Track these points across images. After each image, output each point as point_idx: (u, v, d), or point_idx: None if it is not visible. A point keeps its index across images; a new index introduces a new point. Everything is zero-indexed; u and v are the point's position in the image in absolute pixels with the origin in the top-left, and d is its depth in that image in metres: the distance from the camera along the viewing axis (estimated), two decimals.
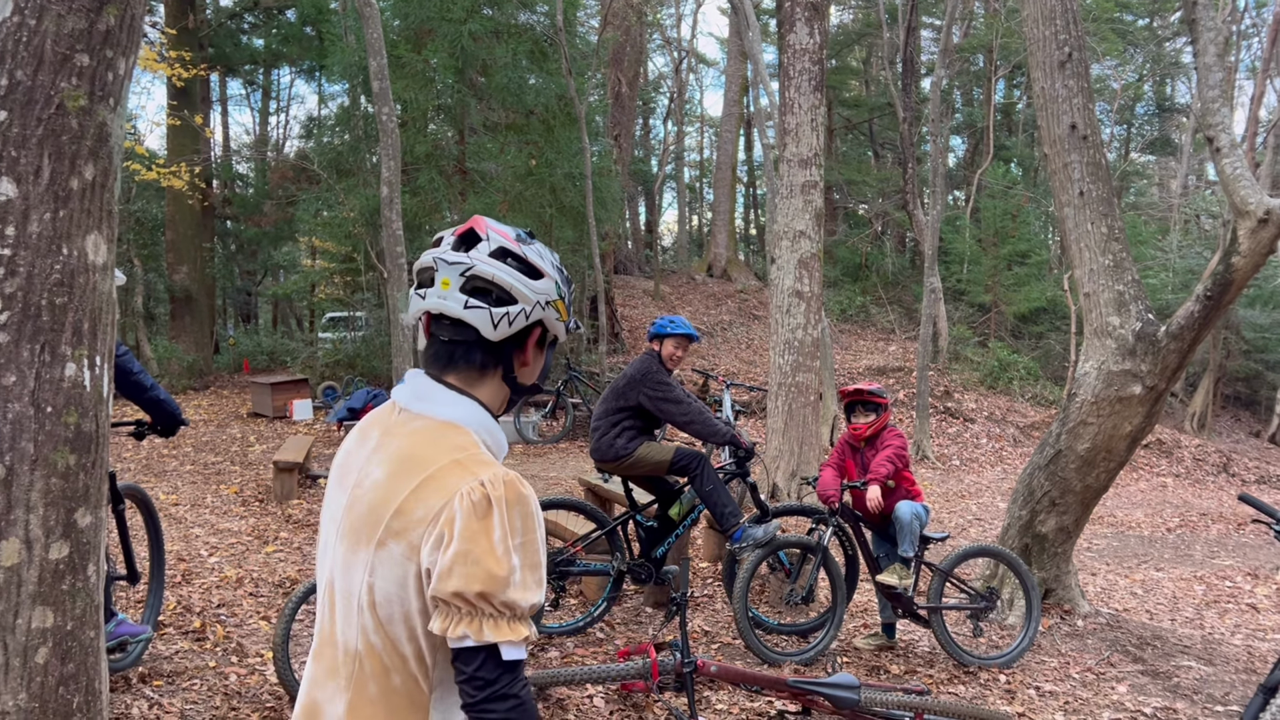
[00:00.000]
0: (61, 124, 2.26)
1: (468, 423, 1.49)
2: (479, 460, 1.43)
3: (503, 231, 1.55)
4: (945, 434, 16.55)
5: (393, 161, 9.15)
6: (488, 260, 1.51)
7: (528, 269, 1.53)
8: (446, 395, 1.51)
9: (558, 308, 1.57)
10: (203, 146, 18.31)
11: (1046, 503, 6.35)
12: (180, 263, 17.96)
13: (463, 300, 1.49)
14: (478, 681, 1.35)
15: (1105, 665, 5.71)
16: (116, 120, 2.39)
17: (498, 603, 1.35)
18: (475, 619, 1.34)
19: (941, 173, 17.50)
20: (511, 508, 1.39)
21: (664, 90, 34.69)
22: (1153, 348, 5.85)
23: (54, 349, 2.25)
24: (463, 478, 1.39)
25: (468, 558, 1.34)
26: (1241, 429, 22.25)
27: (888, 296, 24.19)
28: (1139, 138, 30.35)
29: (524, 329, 1.54)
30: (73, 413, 2.28)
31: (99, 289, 2.35)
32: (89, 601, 2.34)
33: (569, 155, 14.50)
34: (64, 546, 2.26)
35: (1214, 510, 13.25)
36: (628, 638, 5.53)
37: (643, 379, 5.35)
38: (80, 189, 2.30)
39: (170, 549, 6.88)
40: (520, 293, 1.51)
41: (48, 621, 2.24)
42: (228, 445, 11.75)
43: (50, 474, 2.23)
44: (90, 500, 2.33)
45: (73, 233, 2.29)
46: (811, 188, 9.04)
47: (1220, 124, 5.32)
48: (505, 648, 1.36)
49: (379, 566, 1.41)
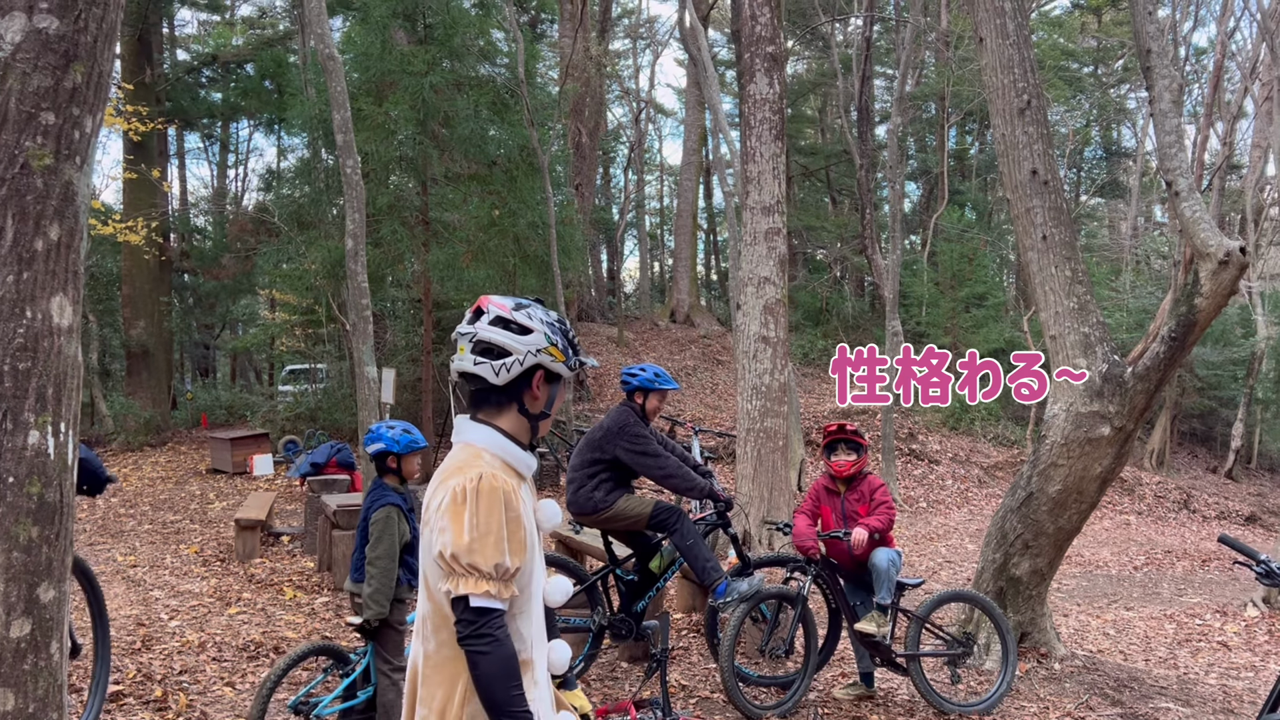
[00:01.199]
0: (26, 183, 2.20)
1: (481, 442, 2.08)
2: (473, 465, 2.00)
3: (502, 305, 2.12)
4: (911, 476, 16.61)
5: (358, 214, 9.09)
6: (487, 328, 2.09)
7: (518, 329, 2.10)
8: (470, 426, 2.11)
9: (550, 353, 2.11)
10: (160, 200, 18.12)
11: (1020, 545, 6.35)
12: (137, 317, 17.68)
13: (472, 359, 2.09)
14: (462, 622, 1.91)
15: (1084, 709, 5.68)
16: (83, 179, 2.33)
17: (464, 564, 1.90)
18: (453, 577, 1.91)
19: (899, 217, 17.75)
20: (481, 496, 1.94)
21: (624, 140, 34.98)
22: (1120, 389, 5.90)
23: (16, 416, 2.16)
24: (456, 478, 1.98)
25: (445, 532, 1.93)
26: (1199, 465, 22.58)
27: (849, 340, 24.36)
28: (1089, 181, 31.06)
29: (524, 372, 2.09)
30: (36, 483, 2.18)
31: (64, 353, 2.27)
32: (52, 681, 2.22)
33: (532, 205, 14.52)
34: (25, 624, 2.15)
35: (1178, 547, 13.37)
36: (604, 694, 5.42)
37: (620, 432, 5.28)
38: (45, 250, 2.22)
39: (129, 613, 6.66)
40: (513, 347, 2.08)
41: (8, 704, 2.12)
42: (186, 503, 11.47)
43: (11, 547, 2.13)
44: (54, 574, 2.22)
45: (37, 295, 2.21)
46: (775, 234, 9.08)
47: (1178, 168, 5.43)
48: (473, 598, 1.90)
49: (425, 548, 2.01)
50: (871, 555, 5.39)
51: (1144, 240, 27.94)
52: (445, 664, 1.98)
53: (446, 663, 1.98)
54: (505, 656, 1.89)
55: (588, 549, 7.00)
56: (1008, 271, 28.66)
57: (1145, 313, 21.08)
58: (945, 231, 23.56)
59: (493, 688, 1.87)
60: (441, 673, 1.98)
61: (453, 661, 1.97)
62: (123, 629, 6.22)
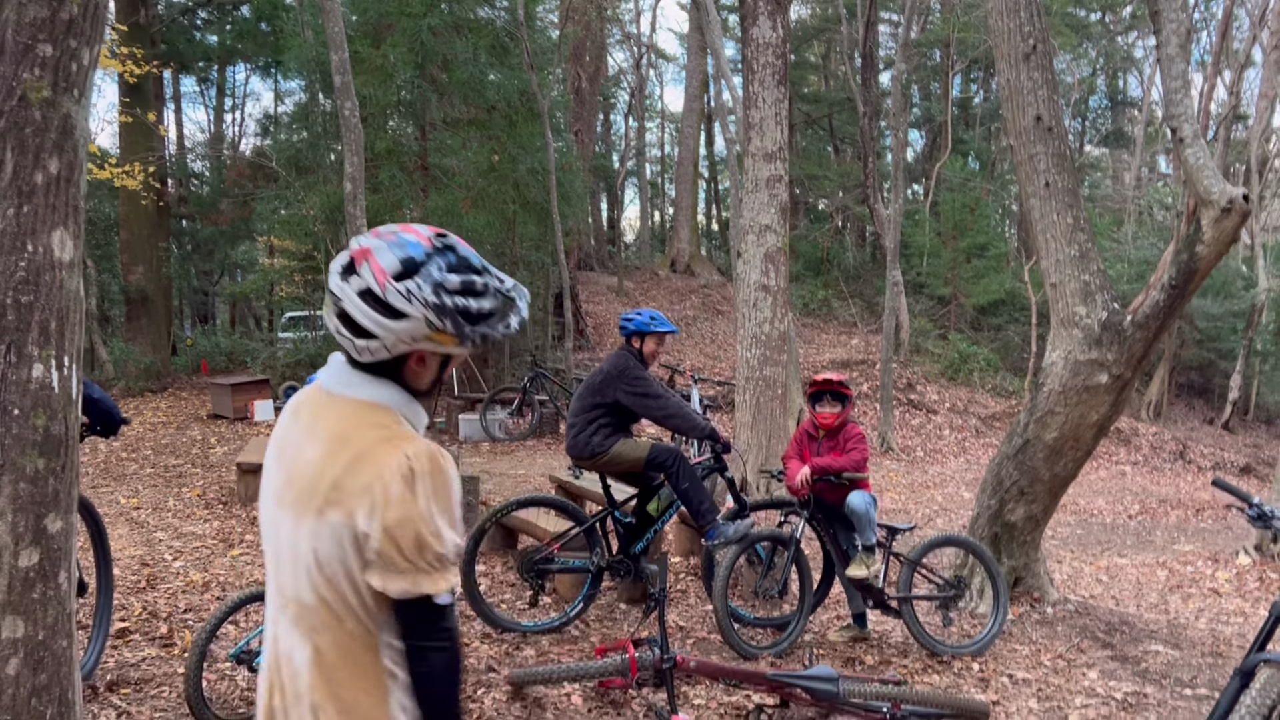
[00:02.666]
0: (24, 116, 2.19)
1: (389, 402, 1.70)
2: (402, 435, 1.65)
3: (380, 268, 1.63)
4: (909, 426, 16.69)
5: (356, 157, 9.03)
6: (353, 299, 1.64)
7: (389, 312, 1.63)
8: (365, 379, 1.70)
9: (435, 340, 1.67)
10: (157, 145, 17.95)
11: (1015, 492, 6.41)
12: (135, 263, 17.61)
13: (335, 325, 1.69)
14: (423, 621, 1.62)
15: (1075, 652, 5.78)
16: (81, 112, 2.31)
17: (430, 559, 1.60)
18: (411, 574, 1.59)
19: (901, 166, 17.64)
20: (433, 476, 1.62)
21: (624, 86, 34.61)
22: (1119, 337, 5.92)
23: (20, 349, 2.17)
24: (390, 454, 1.61)
25: (400, 523, 1.58)
26: (1196, 417, 22.68)
27: (849, 290, 24.35)
28: (1093, 131, 30.80)
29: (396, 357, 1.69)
30: (41, 415, 2.20)
31: (66, 287, 2.27)
32: (60, 610, 2.26)
33: (532, 150, 14.41)
34: (34, 553, 2.19)
35: (1172, 496, 13.49)
36: (603, 635, 5.50)
37: (620, 375, 5.32)
38: (45, 183, 2.22)
39: (133, 554, 6.73)
40: (378, 333, 1.65)
41: (18, 631, 2.16)
42: (188, 448, 11.54)
43: (19, 478, 2.15)
44: (60, 505, 2.25)
45: (38, 228, 2.21)
46: (776, 182, 9.04)
47: (1183, 114, 5.39)
48: (437, 597, 1.61)
49: (320, 532, 1.62)
50: (847, 499, 5.44)
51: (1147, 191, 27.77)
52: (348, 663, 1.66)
53: (349, 661, 1.66)
54: (460, 650, 1.67)
55: (586, 494, 7.06)
56: (1010, 222, 28.54)
57: (1146, 264, 21.04)
58: (948, 181, 23.42)
59: (446, 688, 1.65)
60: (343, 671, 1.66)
61: (360, 656, 1.66)
62: (127, 569, 6.30)
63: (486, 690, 4.49)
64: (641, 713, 4.39)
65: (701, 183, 32.29)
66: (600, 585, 5.62)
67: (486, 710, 4.28)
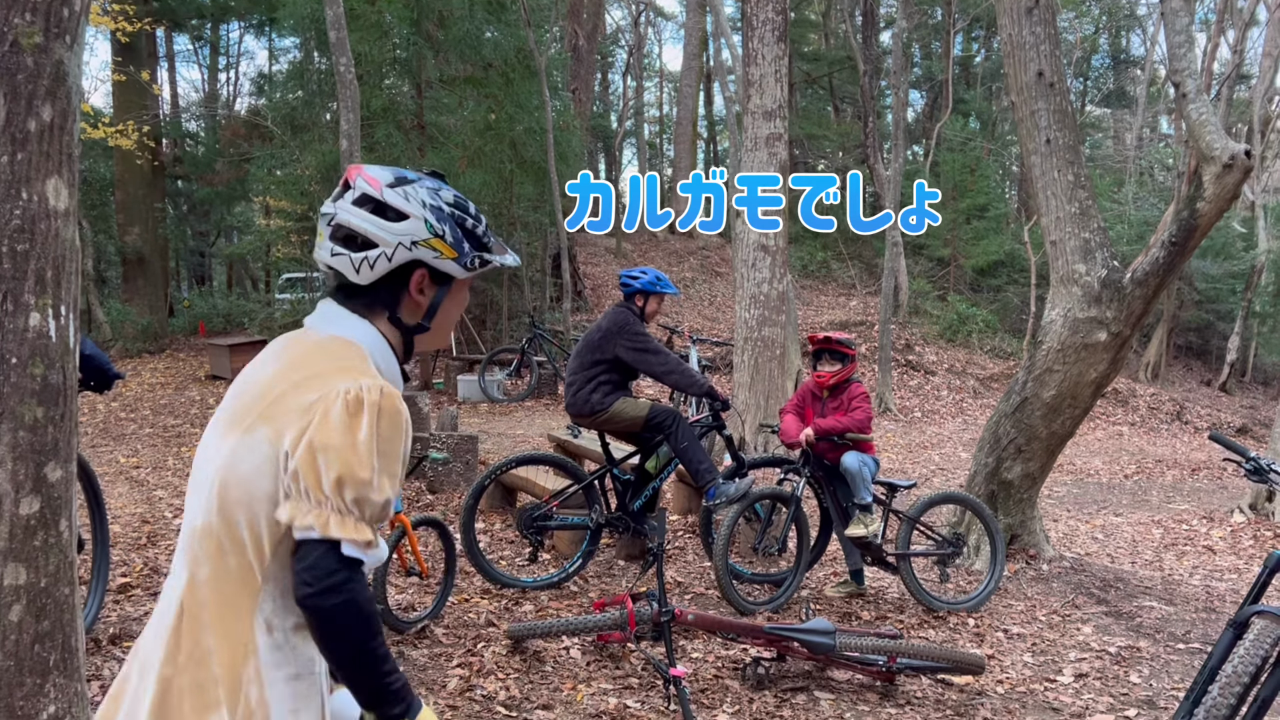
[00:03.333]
0: (16, 62, 2.16)
1: (363, 341, 1.57)
2: (364, 371, 1.50)
3: (373, 178, 1.60)
4: (907, 386, 16.72)
5: (352, 114, 8.95)
6: (349, 208, 1.58)
7: (388, 212, 1.58)
8: (349, 317, 1.59)
9: (433, 245, 1.59)
10: (151, 103, 17.79)
11: (1012, 450, 6.43)
12: (131, 224, 17.52)
13: (329, 249, 1.59)
14: (316, 571, 1.39)
15: (1070, 607, 5.83)
16: (74, 59, 2.29)
17: (349, 499, 1.40)
18: (323, 511, 1.39)
19: (902, 126, 17.51)
20: (384, 415, 1.44)
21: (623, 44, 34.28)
22: (1118, 294, 5.91)
23: (16, 298, 2.16)
24: (343, 379, 1.45)
25: (329, 449, 1.40)
26: (1193, 378, 22.72)
27: (848, 252, 24.26)
28: (1095, 90, 30.56)
29: (396, 270, 1.59)
30: (39, 364, 2.19)
31: (61, 236, 2.26)
32: (62, 558, 2.27)
33: (529, 109, 14.29)
34: (34, 501, 2.19)
35: (1169, 457, 13.55)
36: (601, 590, 5.54)
37: (620, 331, 5.31)
38: (38, 130, 2.20)
39: (134, 511, 6.76)
40: (378, 236, 1.56)
41: (20, 579, 2.17)
42: (187, 408, 11.56)
43: (18, 427, 2.15)
44: (60, 454, 2.25)
45: (32, 176, 2.19)
46: (776, 140, 8.98)
47: (1187, 69, 5.34)
48: (346, 545, 1.40)
49: (239, 450, 1.46)
50: (842, 459, 5.48)
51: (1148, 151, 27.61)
52: (217, 602, 1.46)
53: (219, 601, 1.46)
54: (369, 600, 1.43)
55: (585, 452, 7.08)
56: (1010, 183, 28.40)
57: (1147, 225, 20.96)
58: (948, 141, 23.26)
59: (359, 646, 1.41)
60: (209, 612, 1.46)
61: (231, 600, 1.46)
62: (128, 526, 6.33)
63: (486, 645, 4.53)
64: (640, 666, 4.44)
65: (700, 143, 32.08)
66: (599, 542, 5.66)
67: (486, 664, 4.32)
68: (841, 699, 4.27)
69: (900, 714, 4.15)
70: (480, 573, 5.36)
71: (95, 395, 12.07)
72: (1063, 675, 4.70)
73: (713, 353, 15.52)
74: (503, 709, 3.88)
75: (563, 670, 4.35)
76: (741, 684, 4.32)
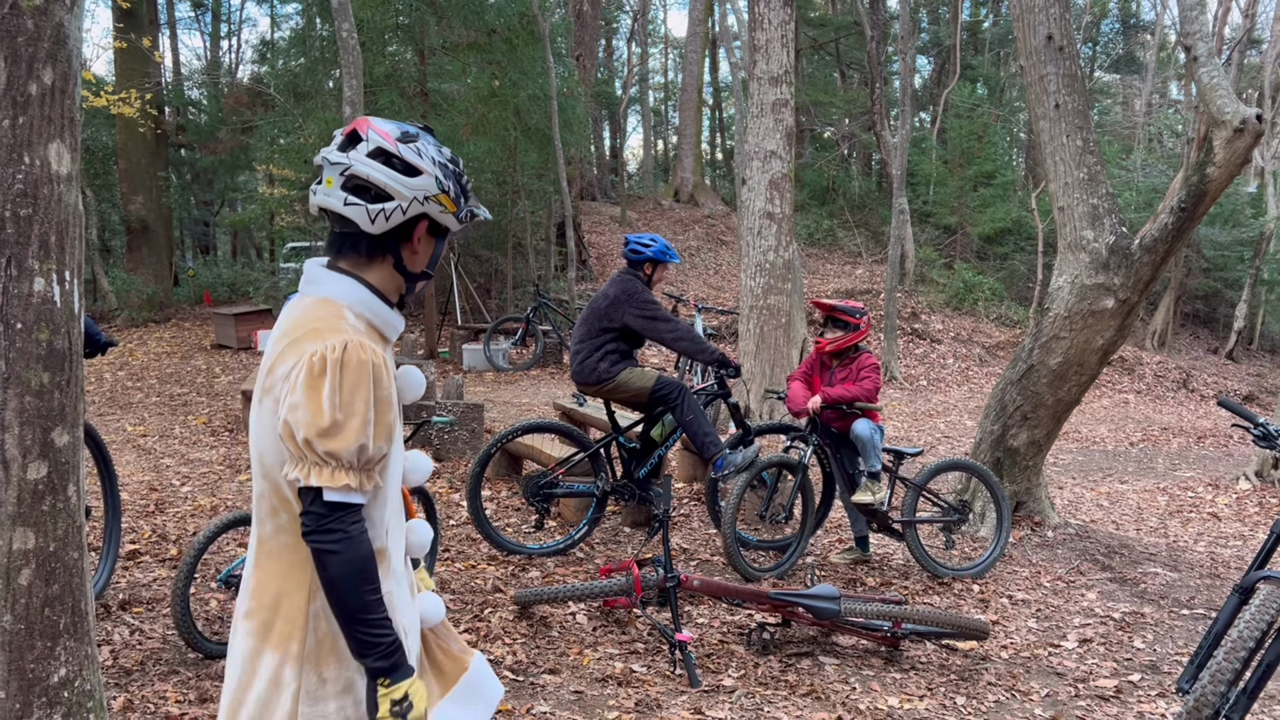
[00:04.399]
0: (16, 24, 2.14)
1: (341, 298, 1.70)
2: (334, 329, 1.63)
3: (384, 131, 1.71)
4: (912, 355, 16.70)
5: (355, 81, 8.89)
6: (365, 160, 1.68)
7: (404, 167, 1.70)
8: (329, 276, 1.72)
9: (440, 201, 1.73)
10: (153, 72, 17.67)
11: (1018, 417, 6.43)
12: (134, 193, 17.47)
13: (343, 197, 1.68)
14: (310, 515, 1.59)
15: (1075, 574, 5.85)
16: (74, 21, 2.26)
17: (321, 452, 1.57)
18: (304, 464, 1.58)
19: (909, 92, 17.35)
20: (345, 369, 1.59)
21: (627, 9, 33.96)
22: (1126, 261, 5.87)
23: (20, 263, 2.16)
24: (314, 342, 1.61)
25: (297, 409, 1.58)
26: (1200, 346, 22.65)
27: (854, 220, 24.14)
28: (1104, 56, 30.24)
29: (405, 222, 1.72)
30: (44, 329, 2.19)
31: (64, 200, 2.25)
32: (70, 522, 2.28)
33: (532, 76, 14.17)
34: (42, 466, 2.20)
35: (1175, 425, 13.53)
36: (607, 556, 5.57)
37: (629, 299, 5.29)
38: (39, 94, 2.18)
39: (141, 479, 6.80)
40: (396, 190, 1.68)
41: (29, 543, 2.18)
42: (193, 377, 11.58)
43: (24, 392, 2.15)
44: (66, 419, 2.25)
45: (34, 140, 2.17)
46: (782, 106, 8.89)
47: (1198, 32, 5.27)
48: (327, 491, 1.58)
49: (260, 420, 1.66)
50: (852, 426, 5.48)
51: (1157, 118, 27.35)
52: (282, 552, 1.69)
53: (284, 551, 1.69)
54: (361, 555, 1.59)
55: (591, 420, 7.09)
56: (1017, 150, 28.17)
57: (1155, 192, 20.81)
58: (956, 108, 23.04)
59: (345, 592, 1.58)
60: (277, 561, 1.69)
61: (292, 550, 1.68)
62: (136, 494, 6.36)
63: (493, 610, 4.56)
64: (645, 631, 4.47)
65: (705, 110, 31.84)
66: (604, 509, 5.68)
67: (494, 629, 4.34)
68: (846, 664, 4.29)
69: (905, 679, 4.18)
70: (487, 539, 5.38)
71: (103, 363, 12.10)
72: (1067, 640, 4.72)
73: (718, 321, 15.50)
74: (510, 673, 3.91)
75: (569, 635, 4.38)
76: (746, 649, 4.35)
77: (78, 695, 2.31)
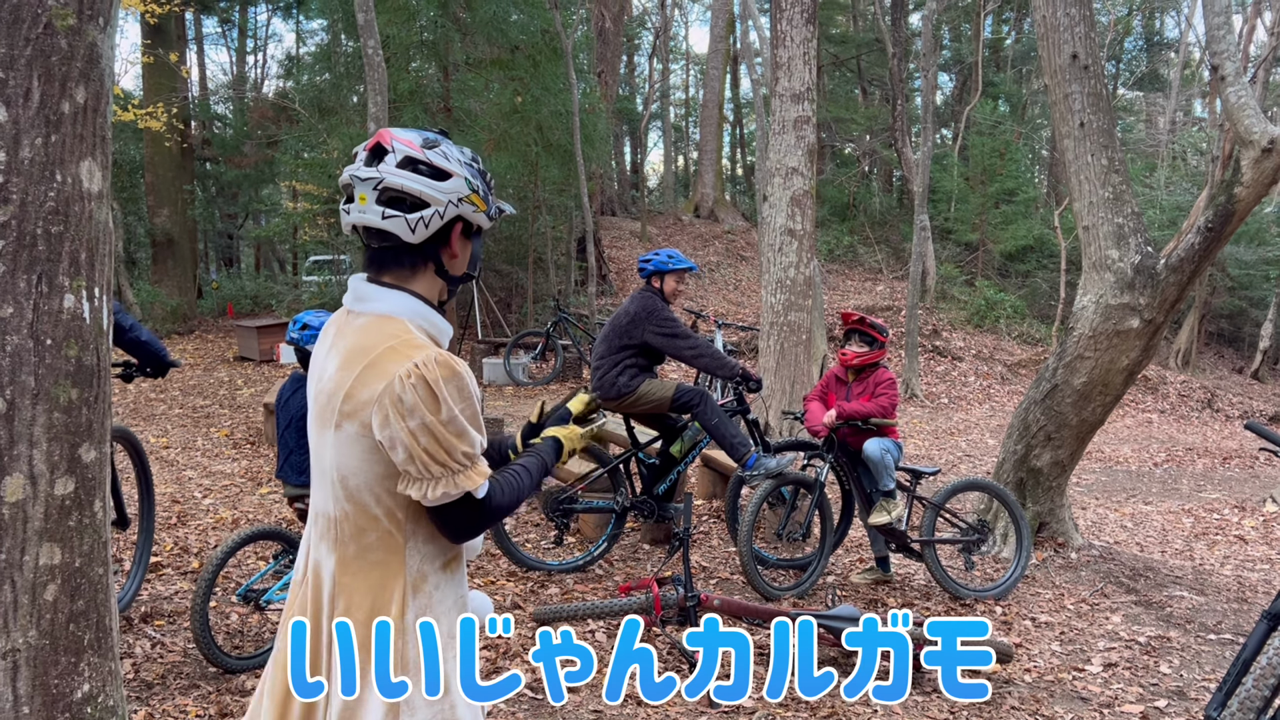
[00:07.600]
0: (50, 44, 2.16)
1: (401, 313, 1.71)
2: (412, 345, 1.65)
3: (408, 141, 1.71)
4: (934, 372, 16.61)
5: (379, 97, 8.96)
6: (395, 171, 1.68)
7: (435, 172, 1.70)
8: (381, 292, 1.72)
9: (473, 201, 1.74)
10: (180, 86, 17.90)
11: (1042, 437, 6.38)
12: (161, 205, 17.66)
13: (380, 212, 1.68)
14: (467, 521, 1.68)
15: (1099, 596, 5.78)
16: (106, 41, 2.29)
17: (459, 458, 1.62)
18: (449, 477, 1.61)
19: (931, 109, 17.32)
20: (448, 382, 1.61)
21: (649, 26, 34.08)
22: (1151, 280, 5.83)
23: (51, 279, 2.17)
24: (398, 362, 1.61)
25: (424, 430, 1.59)
26: (1225, 365, 22.43)
27: (875, 236, 24.08)
28: (1128, 73, 30.10)
29: (442, 227, 1.73)
30: (73, 345, 2.21)
31: (95, 218, 2.27)
32: (96, 538, 2.29)
33: (555, 92, 14.24)
34: (69, 482, 2.21)
35: (1199, 445, 13.39)
36: (626, 574, 5.55)
37: (649, 316, 5.29)
38: (72, 113, 2.20)
39: (163, 491, 6.84)
40: (431, 196, 1.69)
41: (55, 558, 2.19)
42: (215, 389, 11.66)
43: (52, 408, 2.17)
44: (94, 435, 2.27)
45: (66, 158, 2.20)
46: (804, 123, 8.90)
47: (1225, 51, 5.24)
48: (476, 491, 1.66)
49: (340, 445, 1.66)
50: (864, 446, 5.44)
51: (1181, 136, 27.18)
52: (371, 570, 1.70)
53: (374, 568, 1.70)
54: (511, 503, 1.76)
55: (610, 436, 7.08)
56: (1040, 167, 28.06)
57: (1179, 210, 20.66)
58: (978, 125, 22.99)
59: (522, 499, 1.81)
60: (366, 580, 1.70)
61: (382, 566, 1.70)
62: (158, 506, 6.40)
63: (513, 627, 4.55)
64: (665, 650, 4.44)
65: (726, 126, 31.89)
66: (624, 525, 5.66)
67: (512, 646, 4.33)
68: None
69: (927, 701, 4.13)
70: (506, 555, 5.38)
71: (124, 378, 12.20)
72: (1091, 664, 4.66)
73: (738, 337, 15.47)
74: (529, 691, 3.90)
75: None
76: (767, 670, 4.31)
77: (101, 711, 2.31)
